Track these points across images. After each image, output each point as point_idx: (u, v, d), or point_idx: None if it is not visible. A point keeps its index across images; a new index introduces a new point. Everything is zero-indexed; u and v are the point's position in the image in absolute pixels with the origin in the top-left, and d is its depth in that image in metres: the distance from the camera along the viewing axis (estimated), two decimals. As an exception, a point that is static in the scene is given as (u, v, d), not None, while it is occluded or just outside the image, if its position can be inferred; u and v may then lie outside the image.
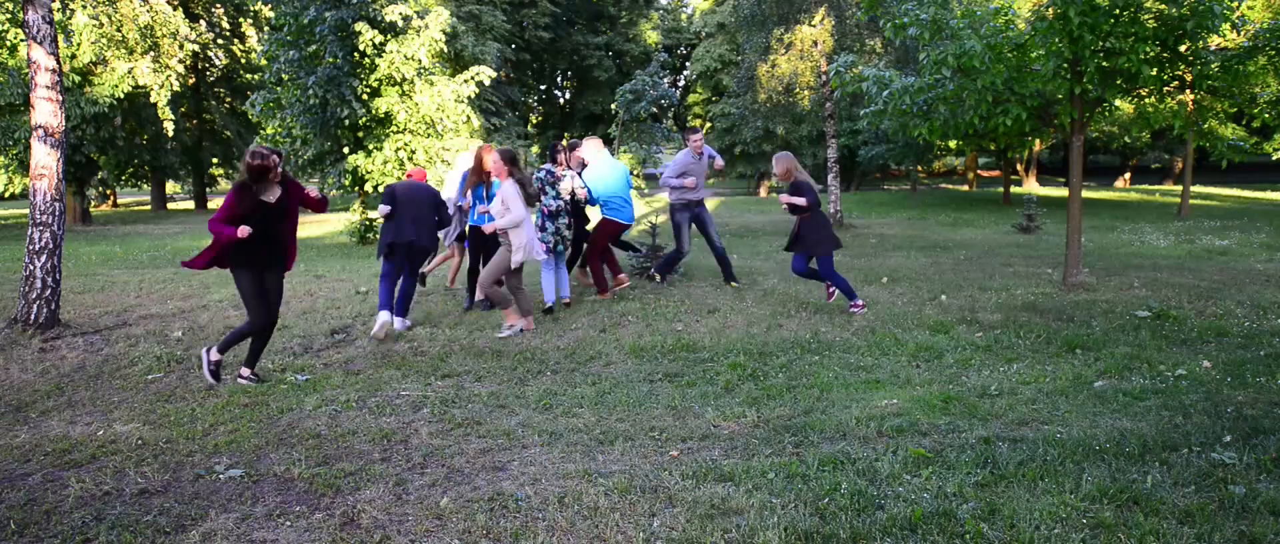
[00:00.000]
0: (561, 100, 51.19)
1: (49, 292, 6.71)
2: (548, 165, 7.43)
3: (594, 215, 8.40)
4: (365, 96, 13.47)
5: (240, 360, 5.72)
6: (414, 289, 7.03)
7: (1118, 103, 10.20)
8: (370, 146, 13.70)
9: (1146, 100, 8.93)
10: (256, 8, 25.78)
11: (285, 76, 13.86)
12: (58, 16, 13.66)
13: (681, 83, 50.17)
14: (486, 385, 5.35)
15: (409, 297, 6.92)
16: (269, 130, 14.77)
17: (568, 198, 7.44)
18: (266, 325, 5.47)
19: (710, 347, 6.24)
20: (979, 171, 37.38)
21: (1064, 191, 20.10)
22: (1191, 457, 3.61)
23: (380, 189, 13.88)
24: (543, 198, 7.28)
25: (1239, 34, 7.74)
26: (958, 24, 7.58)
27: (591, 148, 8.19)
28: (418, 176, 7.17)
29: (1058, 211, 17.98)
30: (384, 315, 6.55)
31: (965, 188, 34.40)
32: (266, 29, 21.83)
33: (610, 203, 7.96)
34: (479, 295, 7.31)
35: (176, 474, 3.79)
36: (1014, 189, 28.40)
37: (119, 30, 16.88)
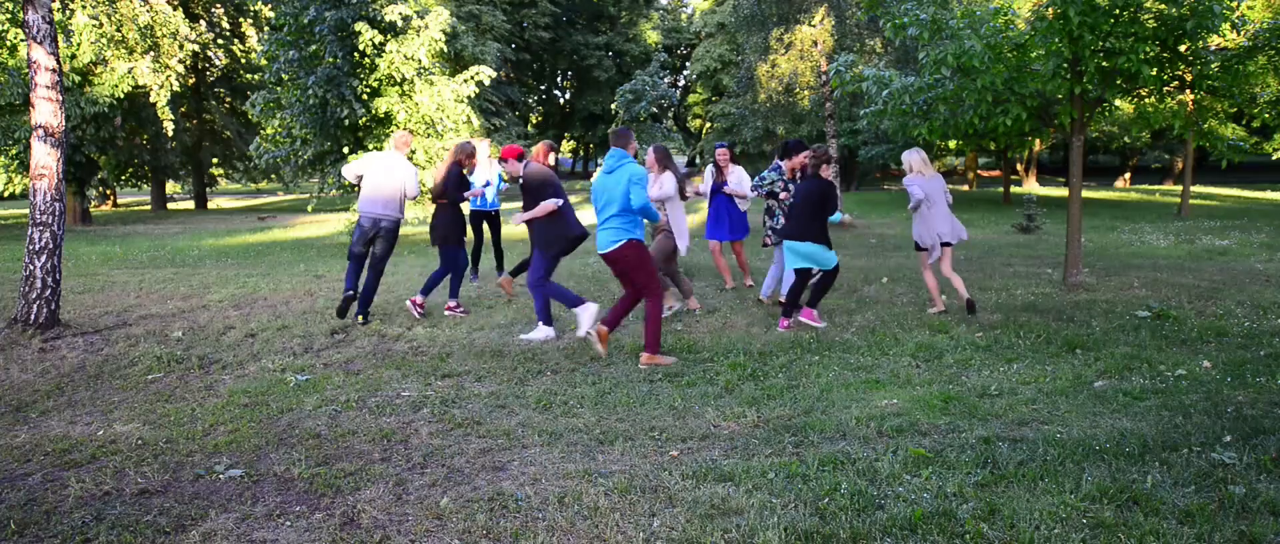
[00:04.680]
0: (561, 100, 51.24)
1: (49, 292, 6.71)
2: (779, 162, 7.66)
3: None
4: (365, 96, 13.46)
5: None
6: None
7: (1118, 103, 10.21)
8: (370, 146, 13.68)
9: (1146, 100, 8.93)
10: (256, 8, 25.77)
11: (285, 76, 13.85)
12: (58, 16, 13.65)
13: (681, 83, 50.16)
14: (486, 385, 5.35)
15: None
16: (269, 130, 14.76)
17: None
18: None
19: (710, 347, 6.24)
20: (979, 171, 37.37)
21: (1064, 191, 20.10)
22: (1191, 457, 3.61)
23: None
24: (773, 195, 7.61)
25: (1239, 34, 7.74)
26: (957, 24, 7.58)
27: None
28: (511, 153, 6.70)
29: (1058, 211, 17.97)
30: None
31: (965, 188, 34.39)
32: (266, 29, 21.81)
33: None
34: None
35: (176, 474, 3.79)
36: (1014, 189, 28.40)
37: (119, 30, 16.87)
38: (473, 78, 14.38)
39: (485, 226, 9.18)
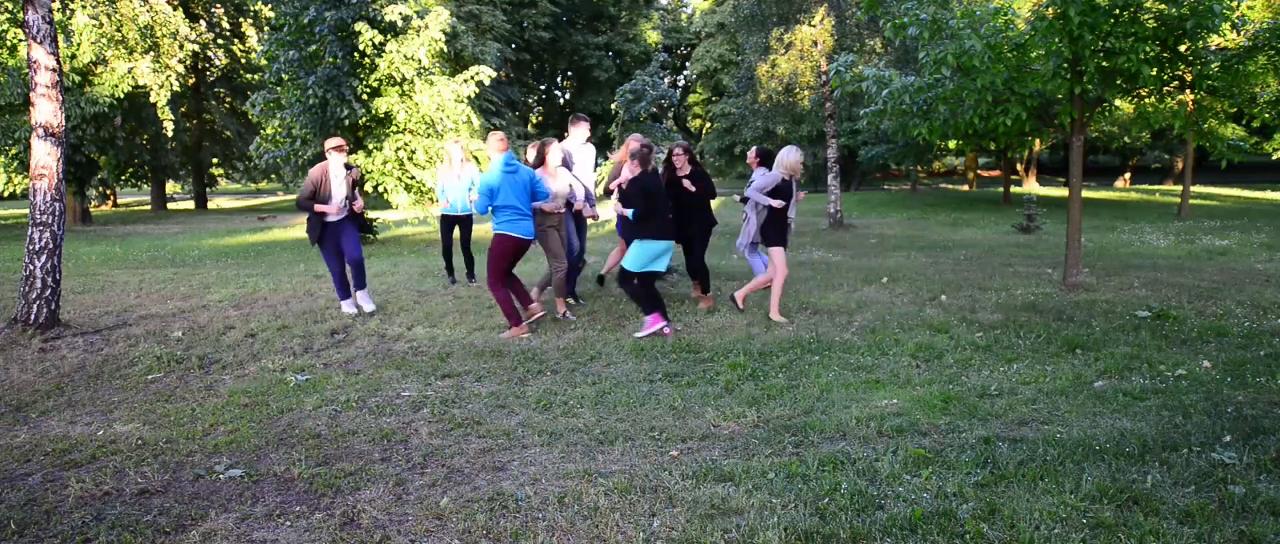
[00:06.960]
0: (561, 100, 51.22)
1: (49, 292, 6.71)
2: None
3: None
4: (365, 96, 13.47)
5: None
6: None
7: (1118, 103, 10.21)
8: (370, 146, 13.69)
9: (1146, 100, 8.93)
10: (256, 8, 25.79)
11: (285, 76, 13.84)
12: (58, 16, 13.66)
13: (681, 83, 50.18)
14: (486, 385, 5.35)
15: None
16: (269, 130, 14.76)
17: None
18: None
19: (710, 347, 6.24)
20: (979, 171, 37.37)
21: (1064, 191, 20.10)
22: (1191, 457, 3.61)
23: (380, 189, 13.87)
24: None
25: (1239, 34, 7.74)
26: (957, 24, 7.58)
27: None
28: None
29: (1058, 211, 17.98)
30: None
31: (965, 188, 34.39)
32: (266, 29, 21.82)
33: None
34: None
35: (176, 474, 3.79)
36: (1014, 189, 28.40)
37: (119, 30, 16.91)
38: (473, 78, 14.39)
39: (456, 230, 9.15)
